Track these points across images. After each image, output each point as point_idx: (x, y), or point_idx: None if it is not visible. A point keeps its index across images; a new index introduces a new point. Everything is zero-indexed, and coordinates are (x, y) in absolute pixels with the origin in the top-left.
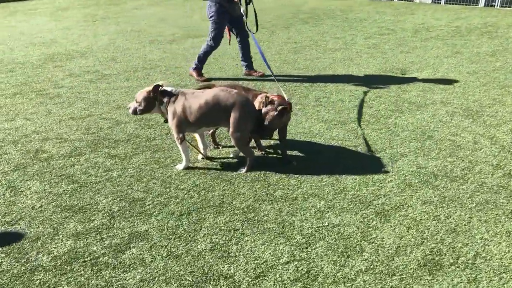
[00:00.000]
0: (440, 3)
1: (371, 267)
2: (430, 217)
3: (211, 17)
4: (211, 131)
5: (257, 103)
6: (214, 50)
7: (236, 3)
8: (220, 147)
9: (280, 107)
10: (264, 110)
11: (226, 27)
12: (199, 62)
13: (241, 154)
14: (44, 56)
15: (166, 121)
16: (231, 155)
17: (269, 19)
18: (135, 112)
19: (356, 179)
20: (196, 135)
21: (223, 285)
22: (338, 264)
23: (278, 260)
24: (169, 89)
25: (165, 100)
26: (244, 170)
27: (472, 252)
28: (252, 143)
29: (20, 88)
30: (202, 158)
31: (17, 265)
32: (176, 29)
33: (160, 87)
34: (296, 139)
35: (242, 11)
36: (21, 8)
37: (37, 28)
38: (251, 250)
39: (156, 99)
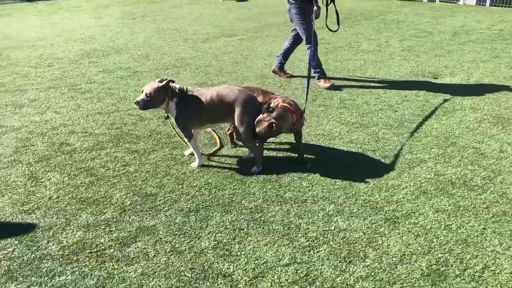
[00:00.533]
0: (485, 5)
1: (372, 274)
2: (441, 226)
3: (294, 20)
4: (230, 131)
5: None
6: (317, 47)
7: (311, 3)
8: (238, 146)
9: (271, 120)
10: (259, 117)
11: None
12: (316, 68)
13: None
14: (81, 52)
15: (167, 117)
16: (243, 156)
17: None
18: (144, 105)
19: (369, 184)
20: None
21: (221, 283)
22: (338, 269)
23: (279, 261)
24: (177, 86)
25: (174, 97)
26: (256, 169)
27: (480, 265)
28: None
29: (54, 83)
30: (190, 155)
31: (28, 253)
32: (211, 28)
33: (172, 83)
34: (315, 141)
35: (314, 10)
36: (66, 5)
37: (78, 24)
38: (252, 250)
39: (168, 94)
